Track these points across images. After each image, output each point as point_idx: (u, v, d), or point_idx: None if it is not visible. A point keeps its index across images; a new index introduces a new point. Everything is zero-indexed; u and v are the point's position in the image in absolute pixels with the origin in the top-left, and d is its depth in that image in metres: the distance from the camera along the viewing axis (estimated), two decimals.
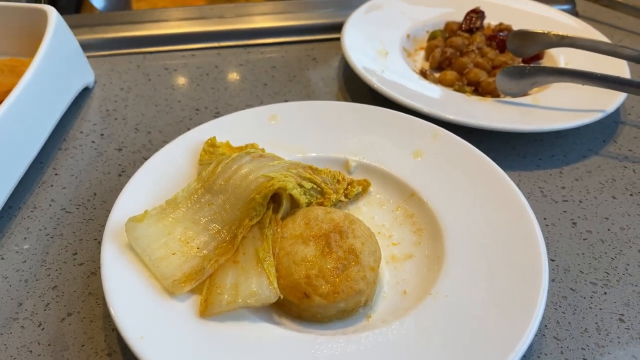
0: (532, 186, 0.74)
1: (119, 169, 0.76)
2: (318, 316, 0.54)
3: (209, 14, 1.05)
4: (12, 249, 0.64)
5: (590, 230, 0.68)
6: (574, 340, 0.56)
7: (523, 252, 0.57)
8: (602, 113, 0.78)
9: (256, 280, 0.53)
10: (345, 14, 1.00)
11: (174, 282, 0.54)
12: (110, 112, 0.86)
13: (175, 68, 0.96)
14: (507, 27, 0.95)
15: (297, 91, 0.91)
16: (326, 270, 0.53)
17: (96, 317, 0.57)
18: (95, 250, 0.64)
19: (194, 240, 0.58)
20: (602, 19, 1.12)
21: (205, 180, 0.62)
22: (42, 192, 0.72)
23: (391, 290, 0.58)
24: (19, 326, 0.56)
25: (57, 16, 0.79)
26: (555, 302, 0.60)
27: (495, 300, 0.54)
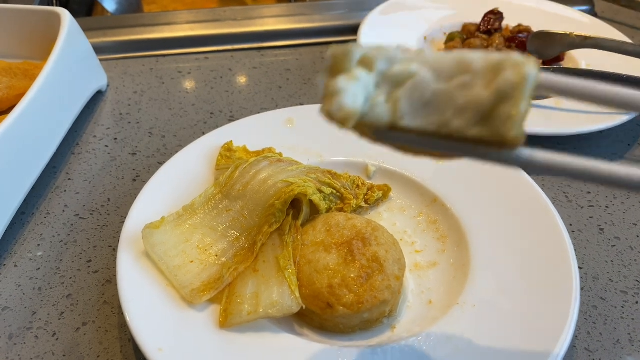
0: (557, 191, 0.72)
1: (133, 173, 0.74)
2: (341, 327, 0.53)
3: (222, 16, 1.04)
4: (26, 256, 0.63)
5: (619, 237, 0.66)
6: (606, 352, 0.54)
7: (552, 259, 0.55)
8: (627, 116, 0.76)
9: (277, 289, 0.51)
10: (359, 16, 0.99)
11: (193, 291, 0.52)
12: (123, 115, 0.84)
13: (188, 71, 0.95)
14: (526, 29, 0.94)
15: (313, 94, 0.89)
16: (349, 279, 0.51)
17: (112, 327, 0.56)
18: (109, 258, 0.63)
19: (212, 248, 0.56)
20: (622, 20, 1.10)
21: (223, 186, 0.60)
22: (55, 197, 0.71)
23: (416, 299, 0.56)
24: (33, 336, 0.55)
25: (71, 19, 0.78)
26: (585, 312, 0.58)
27: (525, 310, 0.52)
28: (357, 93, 0.30)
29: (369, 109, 0.31)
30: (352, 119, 0.30)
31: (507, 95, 0.29)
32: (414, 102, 0.31)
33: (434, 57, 0.32)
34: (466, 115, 0.30)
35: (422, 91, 0.31)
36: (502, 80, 0.29)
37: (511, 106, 0.29)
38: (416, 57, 0.32)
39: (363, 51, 0.31)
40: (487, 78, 0.30)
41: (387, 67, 0.32)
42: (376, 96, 0.31)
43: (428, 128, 0.31)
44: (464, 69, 0.31)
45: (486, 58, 0.30)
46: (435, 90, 0.31)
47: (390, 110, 0.32)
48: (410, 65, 0.31)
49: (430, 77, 0.31)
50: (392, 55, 0.32)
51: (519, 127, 0.30)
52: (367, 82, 0.31)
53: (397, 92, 0.31)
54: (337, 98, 0.30)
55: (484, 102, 0.30)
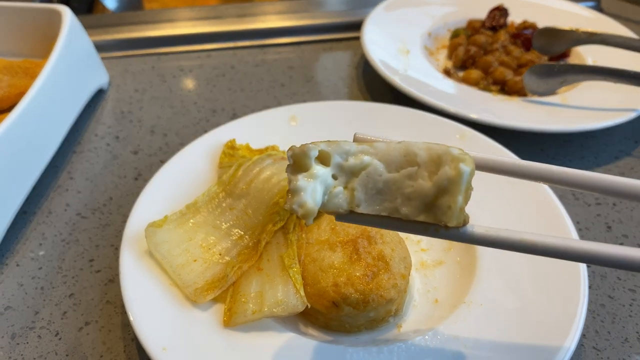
0: (564, 189, 0.71)
1: (135, 172, 0.74)
2: (346, 326, 0.52)
3: (224, 13, 1.03)
4: (28, 256, 0.62)
5: (627, 235, 0.65)
6: (614, 350, 0.54)
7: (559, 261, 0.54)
8: (634, 112, 0.75)
9: (282, 288, 0.50)
10: (362, 13, 0.98)
11: (196, 290, 0.51)
12: (125, 114, 0.84)
13: (190, 69, 0.94)
14: (531, 25, 0.93)
15: (316, 92, 0.89)
16: (355, 277, 0.51)
17: (115, 327, 0.55)
18: (112, 257, 0.62)
19: (215, 247, 0.55)
20: (628, 16, 1.09)
21: (226, 184, 0.60)
22: (57, 196, 0.70)
23: (422, 298, 0.56)
24: (36, 335, 0.54)
25: (72, 16, 0.78)
26: (593, 310, 0.57)
27: (533, 308, 0.51)
28: (315, 189, 0.35)
29: (327, 200, 0.36)
30: (312, 214, 0.34)
31: (446, 189, 0.33)
32: (368, 190, 0.36)
33: (384, 149, 0.36)
34: (413, 203, 0.35)
35: (374, 181, 0.36)
36: (442, 175, 0.33)
37: (450, 199, 0.33)
38: (368, 150, 0.36)
39: (319, 148, 0.36)
40: (429, 169, 0.34)
41: (342, 160, 0.36)
42: (334, 187, 0.36)
43: (381, 213, 0.36)
44: (410, 160, 0.35)
45: (429, 150, 0.34)
46: (386, 179, 0.35)
47: (348, 198, 0.36)
48: (363, 157, 0.36)
49: (381, 168, 0.36)
50: (347, 149, 0.36)
51: (458, 217, 0.34)
52: (325, 176, 0.35)
53: (353, 181, 0.36)
54: (297, 197, 0.34)
55: (427, 193, 0.34)
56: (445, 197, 0.33)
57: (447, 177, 0.33)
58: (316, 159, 0.36)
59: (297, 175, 0.35)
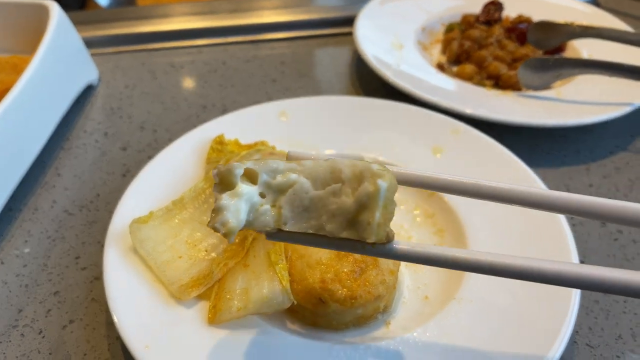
0: (558, 183, 0.70)
1: (124, 168, 0.73)
2: (334, 323, 0.51)
3: (216, 8, 1.02)
4: (12, 253, 0.62)
5: (621, 230, 0.64)
6: (607, 347, 0.53)
7: (552, 253, 0.54)
8: (630, 106, 0.74)
9: (268, 284, 0.49)
10: (356, 8, 0.97)
11: (181, 287, 0.51)
12: (114, 110, 0.83)
13: (181, 65, 0.93)
14: (526, 19, 0.92)
15: (308, 87, 0.88)
16: (342, 274, 0.50)
17: (99, 325, 0.54)
18: (98, 254, 0.61)
19: (201, 243, 0.54)
20: (625, 10, 1.08)
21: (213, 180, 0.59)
22: (44, 193, 0.69)
23: (411, 295, 0.55)
24: (19, 334, 0.54)
25: (59, 11, 0.77)
26: (587, 307, 0.56)
27: (524, 305, 0.50)
28: (239, 208, 0.35)
29: (254, 218, 0.36)
30: (233, 233, 0.35)
31: (365, 205, 0.34)
32: (295, 208, 0.36)
33: (312, 167, 0.37)
34: (337, 220, 0.35)
35: (301, 198, 0.36)
36: (361, 191, 0.34)
37: (369, 215, 0.34)
38: (296, 167, 0.37)
39: (245, 167, 0.36)
40: (352, 186, 0.35)
41: (269, 179, 0.36)
42: (261, 205, 0.36)
43: (308, 230, 0.36)
44: (336, 177, 0.36)
45: (353, 167, 0.35)
46: (313, 196, 0.36)
47: (275, 216, 0.36)
48: (290, 175, 0.36)
49: (308, 185, 0.36)
50: (274, 167, 0.37)
51: (377, 233, 0.34)
52: (250, 194, 0.35)
53: (280, 200, 0.36)
54: (220, 216, 0.34)
55: (349, 210, 0.35)
56: (365, 213, 0.34)
57: (366, 193, 0.34)
58: (243, 177, 0.36)
59: (221, 195, 0.35)
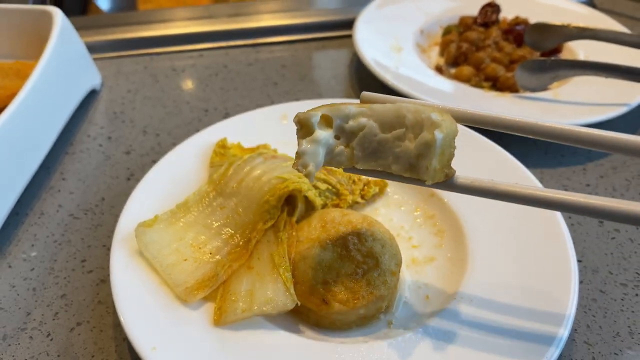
0: (555, 183, 0.71)
1: (128, 172, 0.74)
2: (337, 323, 0.52)
3: (216, 13, 1.03)
4: (20, 257, 0.63)
5: (618, 229, 0.65)
6: (606, 345, 0.54)
7: (550, 252, 0.55)
8: (626, 107, 0.75)
9: (272, 286, 0.51)
10: (355, 11, 0.98)
11: (187, 290, 0.52)
12: (117, 114, 0.84)
13: (183, 69, 0.94)
14: (523, 21, 0.93)
15: (309, 90, 0.89)
16: (345, 275, 0.51)
17: (106, 327, 0.55)
18: (104, 257, 0.62)
19: (206, 246, 0.55)
20: (621, 10, 1.09)
21: (217, 183, 0.60)
22: (50, 197, 0.70)
23: (413, 295, 0.56)
24: (27, 336, 0.55)
25: (63, 17, 0.78)
26: (585, 305, 0.57)
27: (523, 304, 0.51)
28: (316, 152, 0.40)
29: (331, 158, 0.41)
30: (313, 174, 0.40)
31: (424, 153, 0.38)
32: (365, 149, 0.41)
33: (380, 111, 0.40)
34: (401, 161, 0.40)
35: (370, 141, 0.41)
36: (421, 139, 0.38)
37: (427, 161, 0.38)
38: (366, 112, 0.41)
39: (320, 113, 0.40)
40: (415, 132, 0.39)
41: (342, 123, 0.41)
42: (336, 147, 0.41)
43: (376, 169, 0.41)
44: (400, 121, 0.40)
45: (415, 113, 0.39)
46: (380, 139, 0.40)
47: (348, 156, 0.41)
48: (361, 119, 0.40)
49: (376, 128, 0.40)
50: (346, 112, 0.41)
51: (434, 177, 0.39)
52: (327, 138, 0.40)
53: (352, 141, 0.41)
54: (301, 159, 0.40)
55: (411, 154, 0.39)
56: (424, 160, 0.38)
57: (425, 142, 0.38)
58: (320, 122, 0.41)
59: (302, 140, 0.41)
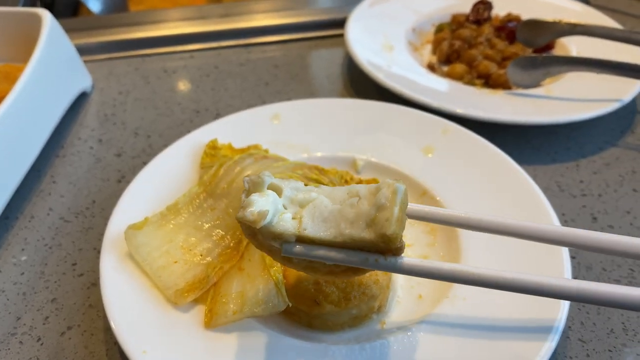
0: (549, 180, 0.71)
1: (119, 174, 0.73)
2: (329, 324, 0.52)
3: (207, 13, 1.03)
4: (10, 261, 0.62)
5: (612, 225, 0.65)
6: (600, 342, 0.53)
7: (543, 249, 0.54)
8: (619, 103, 0.75)
9: (263, 287, 0.50)
10: (347, 10, 0.98)
11: (177, 292, 0.51)
12: (108, 116, 0.83)
13: (174, 70, 0.93)
14: (515, 17, 0.92)
15: (301, 90, 0.88)
16: None
17: (97, 330, 0.55)
18: (95, 260, 0.62)
19: (196, 247, 0.55)
20: (614, 6, 1.09)
21: (207, 184, 0.59)
22: (40, 201, 0.69)
23: (406, 294, 0.55)
24: (17, 341, 0.54)
25: (52, 20, 0.77)
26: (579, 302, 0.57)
27: (516, 302, 0.51)
28: (264, 205, 0.39)
29: (277, 222, 0.39)
30: (264, 218, 0.38)
31: (384, 206, 0.38)
32: (315, 218, 0.40)
33: (330, 189, 0.41)
34: (355, 224, 0.38)
35: (321, 211, 0.40)
36: (379, 196, 0.38)
37: (387, 212, 0.37)
38: (315, 188, 0.42)
39: (272, 180, 0.41)
40: (369, 199, 0.39)
41: (293, 194, 0.41)
42: (283, 213, 0.40)
43: (326, 237, 0.39)
44: (353, 195, 0.40)
45: (369, 187, 0.40)
46: (332, 209, 0.40)
47: (296, 224, 0.39)
48: (311, 193, 0.41)
49: (327, 201, 0.40)
50: (297, 186, 0.42)
51: (395, 226, 0.37)
52: (276, 201, 0.40)
53: (300, 212, 0.40)
54: (250, 207, 0.38)
55: (368, 214, 0.38)
56: (384, 212, 0.38)
57: (384, 196, 0.38)
58: (269, 187, 0.41)
59: (250, 195, 0.40)
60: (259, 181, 0.40)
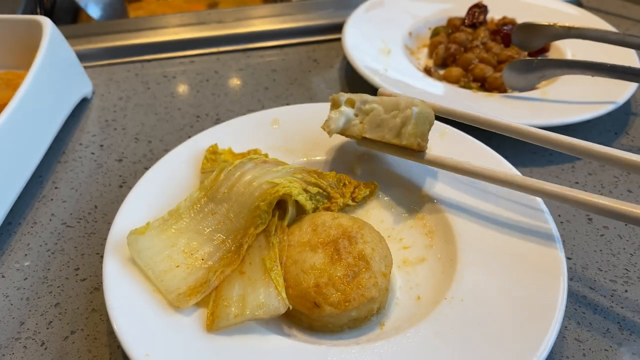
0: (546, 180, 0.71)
1: (120, 180, 0.74)
2: (329, 326, 0.52)
3: (207, 19, 1.04)
4: (13, 267, 0.63)
5: (607, 226, 0.66)
6: (596, 341, 0.54)
7: (539, 250, 0.55)
8: (613, 105, 0.76)
9: (264, 290, 0.51)
10: (344, 14, 0.99)
11: (179, 296, 0.52)
12: (109, 122, 0.84)
13: (174, 75, 0.94)
14: (511, 21, 0.93)
15: (299, 94, 0.89)
16: (336, 278, 0.51)
17: (100, 334, 0.56)
18: (97, 265, 0.63)
19: (198, 251, 0.56)
20: (607, 9, 1.10)
21: (208, 189, 0.60)
22: (42, 206, 0.70)
23: (404, 296, 0.56)
24: (22, 346, 0.55)
25: (52, 27, 0.78)
26: (575, 302, 0.58)
27: (513, 302, 0.51)
28: (339, 119, 0.63)
29: (348, 128, 0.63)
30: (333, 132, 0.63)
31: (405, 122, 0.59)
32: (372, 124, 0.62)
33: (385, 100, 0.61)
34: (392, 131, 0.60)
35: (376, 118, 0.61)
36: (404, 113, 0.59)
37: (405, 128, 0.59)
38: (377, 100, 0.62)
39: (347, 96, 0.63)
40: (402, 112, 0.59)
41: (361, 105, 0.63)
42: (353, 120, 0.63)
43: (376, 138, 0.62)
44: (397, 106, 0.60)
45: (405, 101, 0.59)
46: (382, 118, 0.61)
47: (360, 128, 0.63)
48: (373, 105, 0.62)
49: (381, 111, 0.61)
50: (365, 99, 0.63)
51: (408, 139, 0.59)
52: (349, 113, 0.63)
53: (365, 118, 0.62)
54: (327, 122, 0.63)
55: (398, 125, 0.60)
56: (405, 127, 0.59)
57: (406, 114, 0.58)
58: (346, 102, 0.63)
59: (331, 110, 0.63)
60: (336, 100, 0.63)
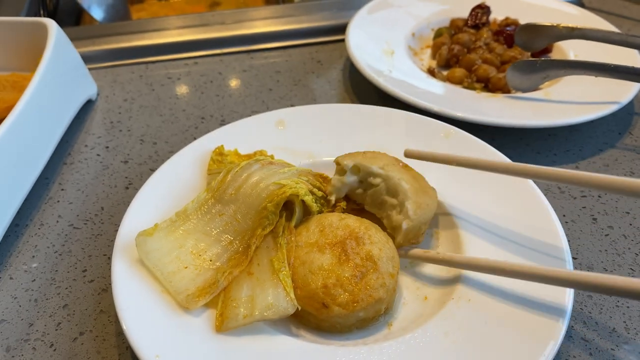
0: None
1: (126, 181, 0.74)
2: (337, 326, 0.53)
3: (210, 20, 1.04)
4: (21, 268, 0.63)
5: (612, 226, 0.66)
6: (602, 340, 0.54)
7: (545, 250, 0.56)
8: (617, 105, 0.76)
9: (272, 291, 0.51)
10: (348, 15, 0.99)
11: (188, 297, 0.52)
12: (114, 124, 0.84)
13: (178, 77, 0.95)
14: (513, 22, 0.94)
15: (303, 95, 0.90)
16: (344, 278, 0.51)
17: (109, 336, 0.56)
18: (105, 267, 0.63)
19: (206, 253, 0.56)
20: (609, 9, 1.10)
21: (215, 190, 0.60)
22: (49, 208, 0.70)
23: (411, 296, 0.56)
24: (31, 347, 0.55)
25: (58, 29, 0.78)
26: (581, 302, 0.58)
27: (520, 302, 0.52)
28: (342, 190, 0.62)
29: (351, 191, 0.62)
30: (334, 195, 0.62)
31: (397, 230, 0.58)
32: (374, 201, 0.61)
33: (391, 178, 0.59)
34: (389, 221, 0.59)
35: (378, 198, 0.61)
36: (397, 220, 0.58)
37: (398, 235, 0.58)
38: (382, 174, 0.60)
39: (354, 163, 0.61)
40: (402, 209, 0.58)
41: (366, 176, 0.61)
42: (357, 188, 0.62)
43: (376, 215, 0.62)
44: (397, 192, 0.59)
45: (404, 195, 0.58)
46: (383, 199, 0.60)
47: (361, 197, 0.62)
48: (377, 179, 0.60)
49: (383, 189, 0.60)
50: (370, 170, 0.60)
51: (398, 243, 0.58)
52: (352, 182, 0.61)
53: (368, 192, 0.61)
54: (330, 190, 0.62)
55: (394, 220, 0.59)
56: (398, 233, 0.58)
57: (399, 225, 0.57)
58: (352, 169, 0.61)
59: (335, 176, 0.62)
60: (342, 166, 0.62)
